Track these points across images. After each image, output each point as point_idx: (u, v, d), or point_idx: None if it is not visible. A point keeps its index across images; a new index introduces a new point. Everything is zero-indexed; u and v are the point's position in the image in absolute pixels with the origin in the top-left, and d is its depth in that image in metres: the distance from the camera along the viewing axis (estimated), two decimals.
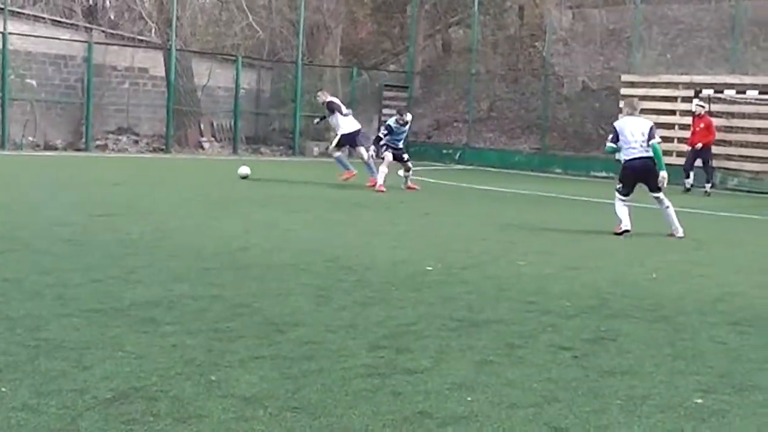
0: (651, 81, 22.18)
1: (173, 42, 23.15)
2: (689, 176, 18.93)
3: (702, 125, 19.00)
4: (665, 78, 22.05)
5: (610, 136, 11.04)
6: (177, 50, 23.37)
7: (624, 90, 21.79)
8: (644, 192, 11.04)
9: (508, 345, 5.19)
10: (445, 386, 4.32)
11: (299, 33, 25.52)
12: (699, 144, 18.85)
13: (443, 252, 8.71)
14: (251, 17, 25.63)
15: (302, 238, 9.24)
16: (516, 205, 14.67)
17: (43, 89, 22.79)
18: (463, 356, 4.90)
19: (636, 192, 11.03)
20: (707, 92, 20.17)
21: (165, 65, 23.77)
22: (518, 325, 5.71)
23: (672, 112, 21.51)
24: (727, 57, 22.55)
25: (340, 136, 16.28)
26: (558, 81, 25.89)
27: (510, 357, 4.94)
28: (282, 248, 8.44)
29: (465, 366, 4.70)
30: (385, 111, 24.79)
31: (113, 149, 22.97)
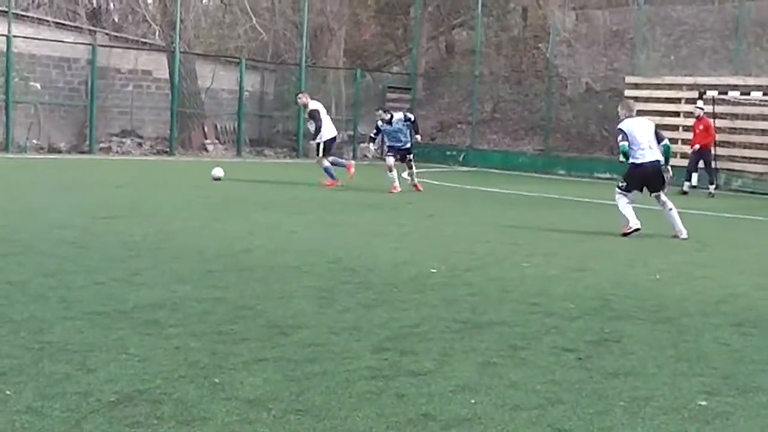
0: (655, 82, 22.16)
1: (177, 44, 23.16)
2: (691, 179, 18.88)
3: (701, 127, 18.97)
4: (669, 79, 22.04)
5: (620, 136, 10.77)
6: (181, 53, 23.39)
7: (628, 92, 21.73)
8: (644, 192, 11.04)
9: (512, 347, 5.19)
10: (449, 388, 4.32)
11: (303, 35, 25.52)
12: (697, 146, 18.84)
13: (447, 253, 8.71)
14: (255, 19, 25.66)
15: (305, 240, 9.24)
16: (520, 207, 14.66)
17: (47, 92, 22.81)
18: (467, 358, 4.90)
19: (636, 192, 11.01)
20: (711, 94, 20.13)
21: (169, 68, 23.81)
22: (521, 327, 5.70)
23: (676, 114, 21.50)
24: (731, 58, 22.53)
25: (324, 144, 16.01)
26: (561, 82, 25.89)
27: (513, 359, 4.94)
28: (285, 250, 8.45)
29: (468, 368, 4.70)
30: None
31: (117, 152, 22.96)
